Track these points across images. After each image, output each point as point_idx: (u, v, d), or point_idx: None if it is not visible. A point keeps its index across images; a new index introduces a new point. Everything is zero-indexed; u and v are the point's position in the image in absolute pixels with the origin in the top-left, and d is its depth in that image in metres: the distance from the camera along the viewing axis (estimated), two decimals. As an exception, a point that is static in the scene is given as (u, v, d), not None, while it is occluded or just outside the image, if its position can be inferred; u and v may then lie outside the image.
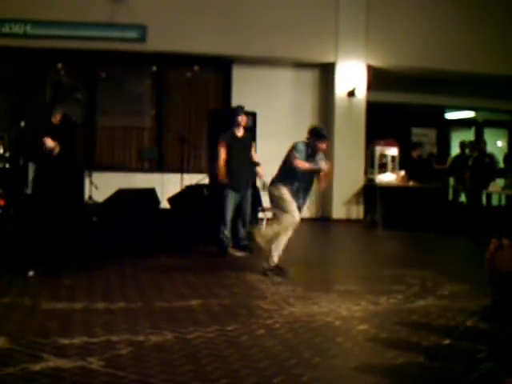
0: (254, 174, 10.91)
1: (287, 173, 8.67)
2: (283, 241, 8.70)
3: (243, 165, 10.55)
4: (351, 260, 11.32)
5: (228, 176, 10.46)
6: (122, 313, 6.47)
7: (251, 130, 11.88)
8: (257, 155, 10.95)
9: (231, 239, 10.76)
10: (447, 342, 5.75)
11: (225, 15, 15.29)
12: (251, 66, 16.19)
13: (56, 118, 9.87)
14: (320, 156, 8.84)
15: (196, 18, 15.09)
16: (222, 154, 10.49)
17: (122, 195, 11.52)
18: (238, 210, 10.73)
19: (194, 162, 15.60)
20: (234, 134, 10.63)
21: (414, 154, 15.94)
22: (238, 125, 10.65)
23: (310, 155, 8.69)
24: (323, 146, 8.79)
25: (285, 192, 8.63)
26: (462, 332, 6.11)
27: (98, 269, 8.78)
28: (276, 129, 15.19)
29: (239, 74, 16.36)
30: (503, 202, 16.49)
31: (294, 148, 8.66)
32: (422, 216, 14.46)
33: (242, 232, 10.83)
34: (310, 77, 16.95)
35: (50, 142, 9.27)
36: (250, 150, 10.82)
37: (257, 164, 10.88)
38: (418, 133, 19.14)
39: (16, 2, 14.24)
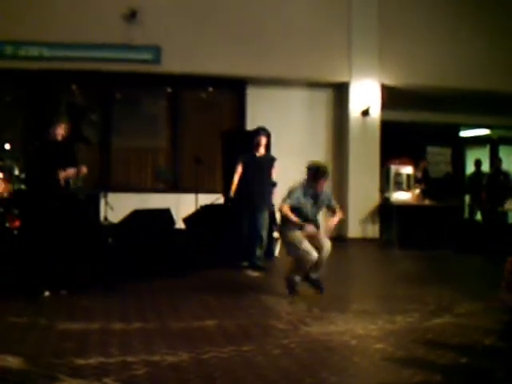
0: (271, 194, 11.00)
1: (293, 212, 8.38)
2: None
3: (258, 185, 10.63)
4: (367, 279, 11.28)
5: (242, 195, 10.58)
6: (138, 333, 6.48)
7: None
8: (274, 175, 11.05)
9: (248, 259, 10.84)
10: (464, 360, 5.72)
11: (239, 37, 15.39)
12: (265, 86, 16.24)
13: (56, 134, 8.98)
14: (325, 195, 8.64)
15: (210, 40, 15.20)
16: (239, 170, 10.67)
17: (137, 216, 11.54)
18: (254, 229, 10.75)
19: (208, 182, 15.62)
20: (253, 155, 10.75)
21: (418, 173, 15.87)
22: (257, 145, 10.81)
23: (313, 195, 8.47)
24: (319, 185, 8.44)
25: (294, 236, 8.43)
26: (479, 350, 6.07)
27: (113, 289, 8.80)
28: (290, 149, 15.15)
29: (253, 95, 16.42)
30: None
31: (289, 191, 8.44)
32: (438, 234, 14.39)
33: (259, 253, 10.84)
34: (324, 96, 16.98)
35: (84, 170, 8.97)
36: (268, 171, 10.90)
37: (274, 184, 10.96)
38: (432, 151, 19.08)
39: (32, 25, 14.37)
